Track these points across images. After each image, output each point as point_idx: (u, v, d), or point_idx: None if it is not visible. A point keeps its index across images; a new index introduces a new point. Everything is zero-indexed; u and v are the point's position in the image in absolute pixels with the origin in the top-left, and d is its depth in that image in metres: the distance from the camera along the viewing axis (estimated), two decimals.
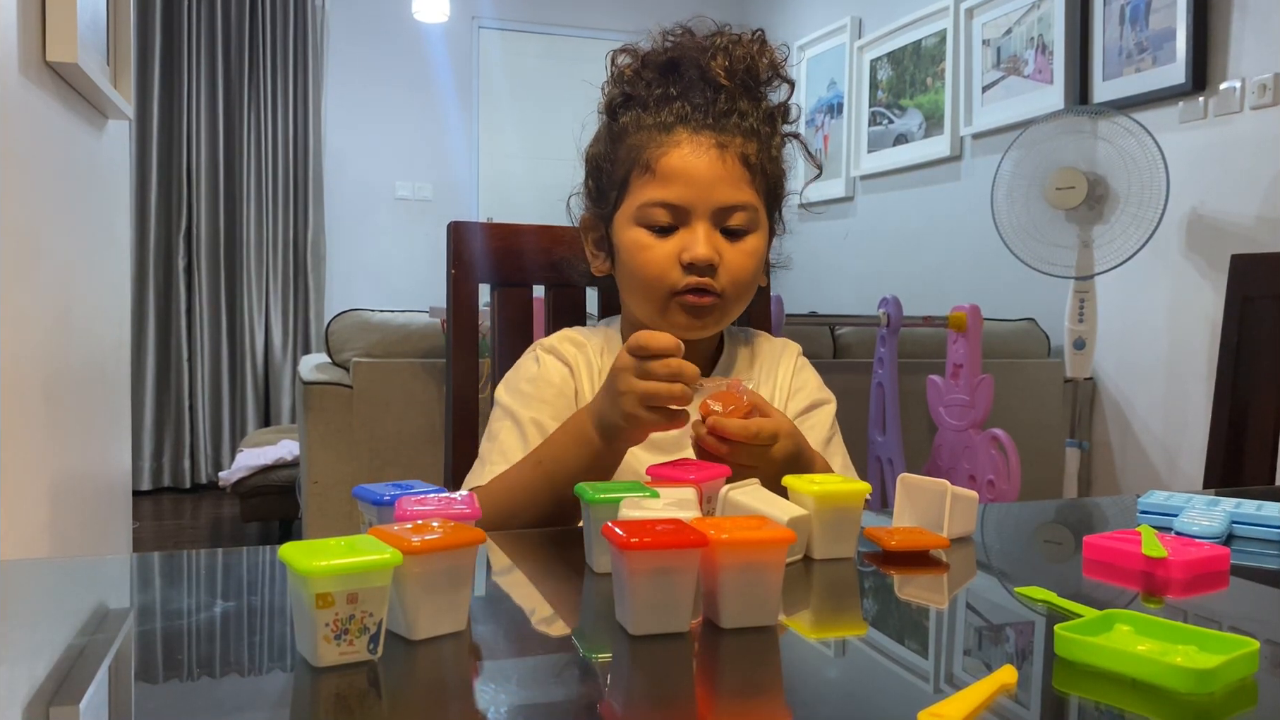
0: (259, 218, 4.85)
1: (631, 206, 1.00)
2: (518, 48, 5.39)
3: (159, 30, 4.63)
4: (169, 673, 0.55)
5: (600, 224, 1.07)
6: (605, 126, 1.06)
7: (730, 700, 0.54)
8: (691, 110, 1.00)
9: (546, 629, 0.66)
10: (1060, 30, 3.41)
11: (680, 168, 0.98)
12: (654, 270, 0.99)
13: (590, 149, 1.08)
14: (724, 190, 0.98)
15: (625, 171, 1.02)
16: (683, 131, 0.99)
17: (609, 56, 1.08)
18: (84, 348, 2.04)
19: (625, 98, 1.04)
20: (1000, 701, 0.50)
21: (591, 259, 1.10)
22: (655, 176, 0.99)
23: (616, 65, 1.07)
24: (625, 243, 1.01)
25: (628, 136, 1.02)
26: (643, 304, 1.03)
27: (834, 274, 4.59)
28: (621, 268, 1.04)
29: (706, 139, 0.99)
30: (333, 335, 2.67)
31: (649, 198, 0.99)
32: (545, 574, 0.80)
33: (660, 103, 1.02)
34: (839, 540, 0.76)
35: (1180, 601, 0.71)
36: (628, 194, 1.02)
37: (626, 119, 1.03)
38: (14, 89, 1.56)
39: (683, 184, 0.98)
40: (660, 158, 0.99)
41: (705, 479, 0.78)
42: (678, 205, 0.98)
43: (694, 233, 0.97)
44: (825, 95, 4.83)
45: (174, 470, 4.70)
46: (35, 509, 1.70)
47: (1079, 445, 2.91)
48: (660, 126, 1.00)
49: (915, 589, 0.74)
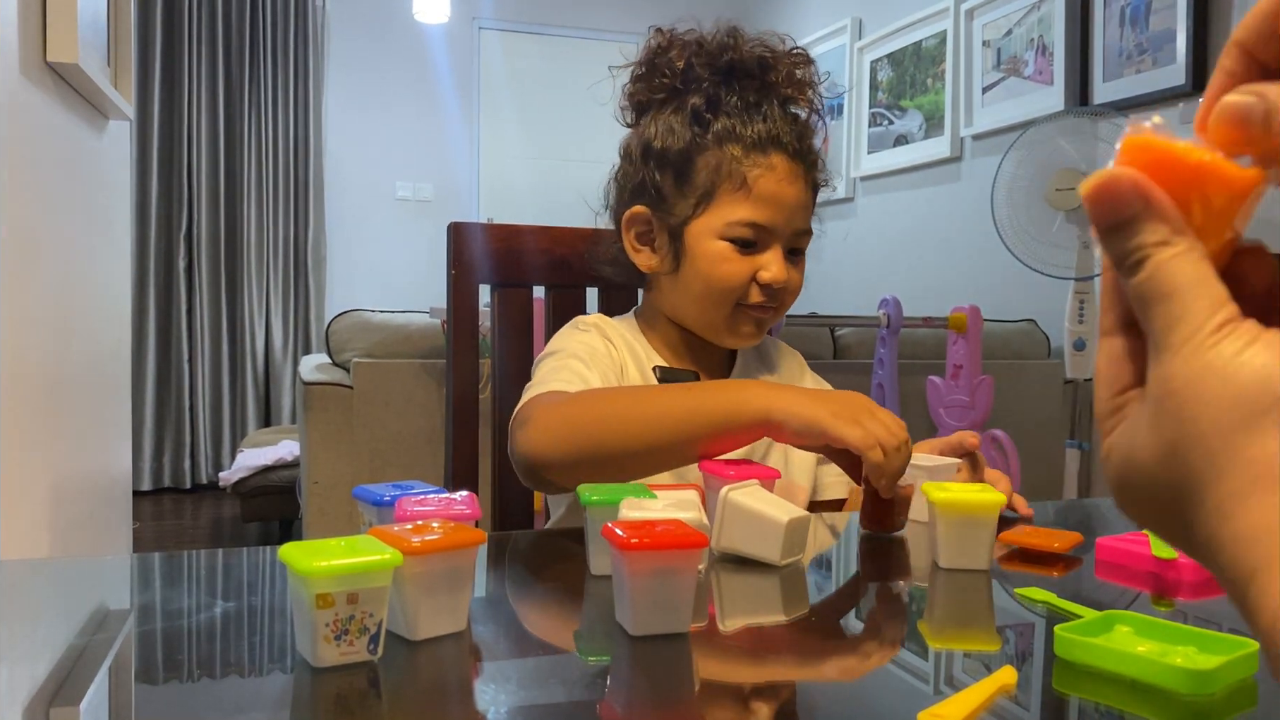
0: (259, 218, 4.85)
1: (720, 220, 1.01)
2: (518, 49, 5.39)
3: (159, 30, 4.63)
4: (169, 673, 0.55)
5: (655, 221, 1.06)
6: (685, 126, 1.03)
7: (731, 700, 0.54)
8: (782, 133, 1.02)
9: (546, 629, 0.66)
10: (1060, 31, 3.41)
11: (776, 193, 1.01)
12: (733, 283, 1.02)
13: (656, 144, 1.04)
14: (801, 217, 1.04)
15: (713, 181, 1.02)
16: (777, 156, 1.02)
17: (650, 38, 1.06)
18: (84, 348, 2.04)
19: (708, 101, 1.03)
20: (1000, 702, 0.50)
21: (633, 253, 1.07)
22: (750, 196, 1.01)
23: (668, 56, 1.04)
24: (705, 252, 1.02)
25: (721, 145, 1.02)
26: (709, 310, 1.04)
27: (834, 275, 4.59)
28: (693, 273, 1.03)
29: (797, 167, 1.03)
30: (333, 335, 2.67)
31: (741, 216, 1.01)
32: (545, 574, 0.80)
33: (747, 114, 1.02)
34: (964, 552, 0.75)
35: (1188, 604, 0.71)
36: (714, 204, 1.02)
37: (720, 126, 1.02)
38: (14, 90, 1.56)
39: (774, 208, 1.01)
40: (758, 179, 1.01)
41: (762, 478, 0.80)
42: (766, 226, 1.01)
43: (775, 254, 1.02)
44: (825, 96, 4.82)
45: (174, 470, 4.69)
46: (35, 509, 1.70)
47: (1079, 446, 2.91)
48: (757, 146, 1.01)
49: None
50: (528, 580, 0.79)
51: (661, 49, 1.05)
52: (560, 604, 0.72)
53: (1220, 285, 0.29)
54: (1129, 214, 0.30)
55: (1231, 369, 0.28)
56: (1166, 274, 0.30)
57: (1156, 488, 0.30)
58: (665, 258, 1.05)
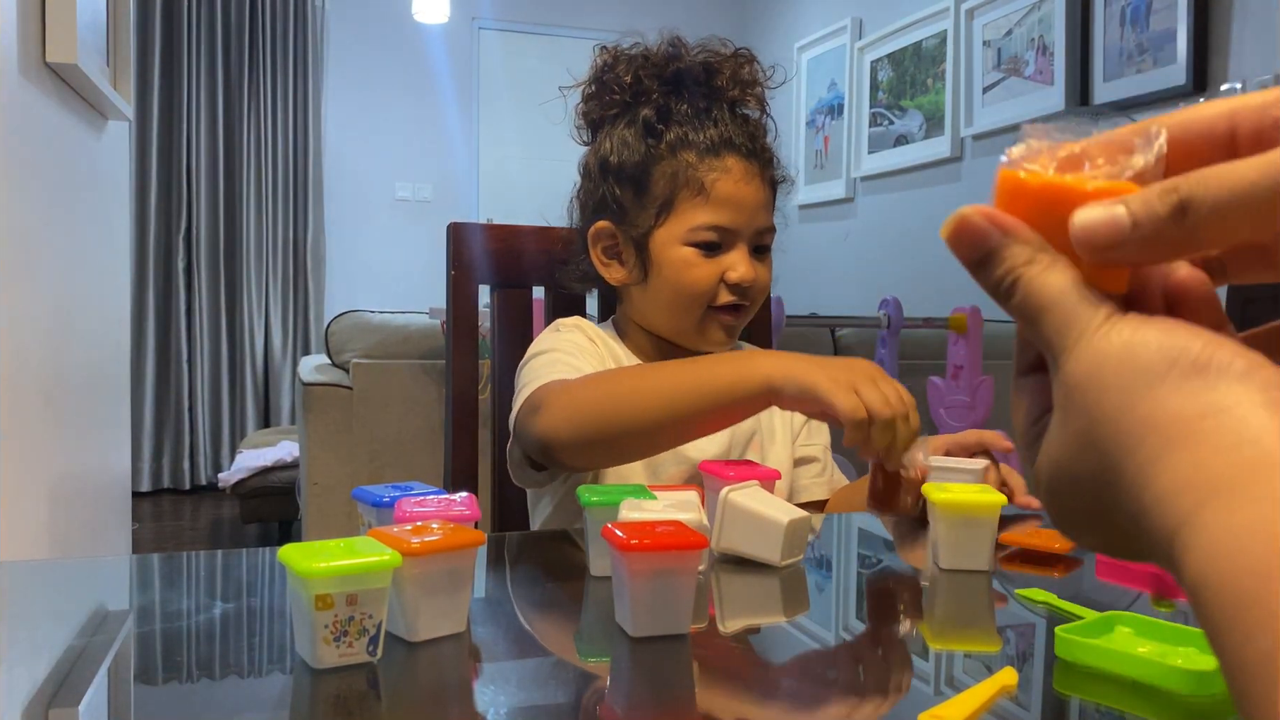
0: (259, 218, 4.85)
1: (682, 227, 1.03)
2: (517, 48, 5.39)
3: (159, 31, 4.63)
4: (168, 674, 0.55)
5: (620, 234, 1.07)
6: (639, 139, 1.05)
7: (731, 701, 0.54)
8: (734, 135, 1.04)
9: (546, 631, 0.66)
10: (1061, 31, 3.41)
11: (734, 194, 1.02)
12: (702, 287, 1.03)
13: (613, 159, 1.06)
14: (762, 215, 1.05)
15: (671, 190, 1.03)
16: (731, 158, 1.03)
17: (596, 57, 1.08)
18: (84, 349, 2.04)
19: (659, 112, 1.04)
20: (1001, 703, 0.50)
21: (602, 267, 1.09)
22: (709, 200, 1.02)
23: (615, 72, 1.07)
24: (671, 259, 1.03)
25: (675, 154, 1.03)
26: (680, 317, 1.05)
27: (834, 275, 4.59)
28: (661, 282, 1.05)
29: (752, 166, 1.04)
30: (332, 336, 2.67)
31: (702, 221, 1.02)
32: (545, 576, 0.80)
33: (697, 121, 1.04)
34: (964, 552, 0.75)
35: (1189, 605, 0.71)
36: (674, 213, 1.03)
37: (672, 136, 1.04)
38: (14, 90, 1.56)
39: (733, 209, 1.02)
40: (714, 183, 1.02)
41: (762, 479, 0.79)
42: (728, 228, 1.02)
43: (740, 254, 1.03)
44: (825, 96, 4.83)
45: (173, 471, 4.69)
46: (35, 510, 1.70)
47: None
48: (710, 150, 1.03)
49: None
50: (527, 581, 0.78)
51: (608, 65, 1.07)
52: (560, 605, 0.72)
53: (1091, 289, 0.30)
54: (989, 245, 0.31)
55: (1126, 350, 0.28)
56: (1039, 287, 0.31)
57: (1080, 484, 0.30)
58: (633, 269, 1.07)
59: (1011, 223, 0.31)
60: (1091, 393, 0.29)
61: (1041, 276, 0.31)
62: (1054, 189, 0.31)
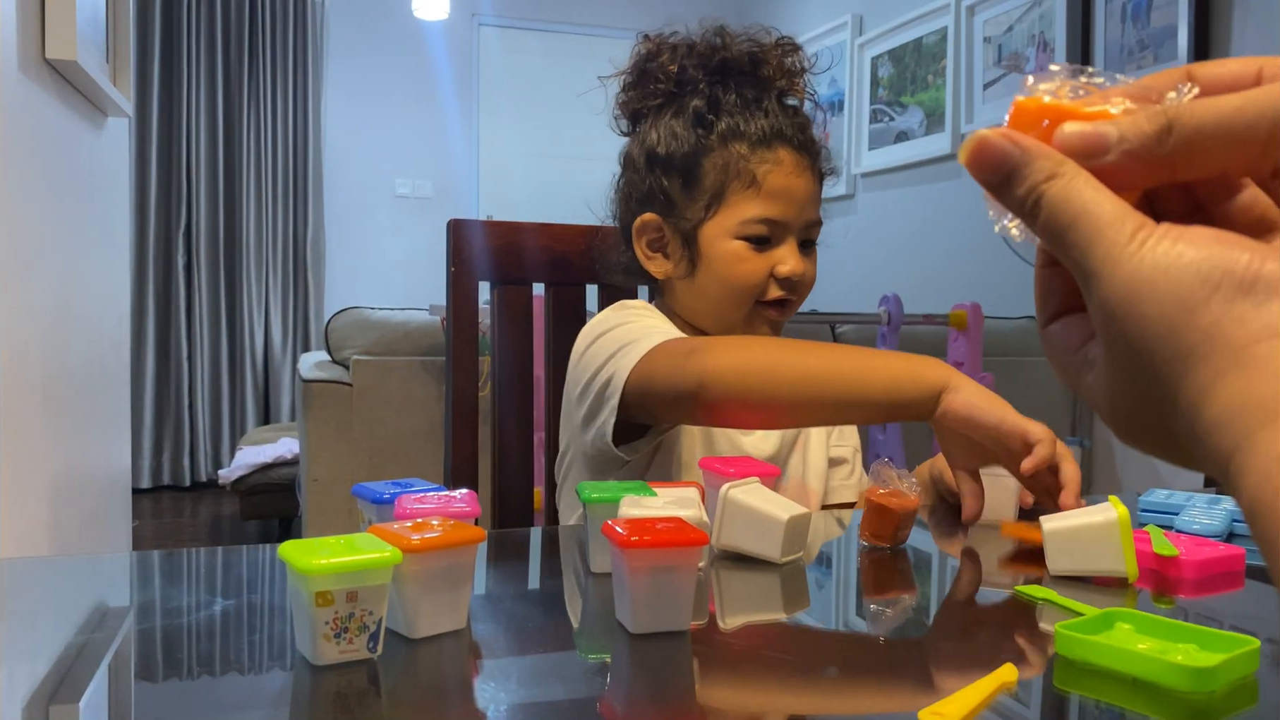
0: (259, 215, 4.84)
1: (733, 219, 1.01)
2: (518, 45, 5.38)
3: (158, 27, 4.63)
4: (169, 671, 0.55)
5: (667, 227, 1.05)
6: (688, 129, 1.02)
7: (731, 698, 0.54)
8: (785, 126, 1.02)
9: (546, 627, 0.66)
10: (1061, 27, 3.41)
11: (786, 186, 1.01)
12: (752, 281, 1.02)
13: (660, 150, 1.04)
14: (811, 208, 1.04)
15: (722, 181, 1.01)
16: (783, 149, 1.01)
17: (638, 46, 1.06)
18: (83, 346, 2.04)
19: (709, 102, 1.02)
20: (1001, 700, 0.50)
21: (646, 260, 1.06)
22: (761, 193, 1.01)
23: (658, 61, 1.04)
24: (721, 253, 1.02)
25: (726, 145, 1.01)
26: (727, 311, 1.04)
27: (834, 271, 4.57)
28: (709, 275, 1.03)
29: (802, 159, 1.03)
30: (332, 333, 2.67)
31: (754, 214, 1.00)
32: (545, 572, 0.80)
33: (748, 111, 1.01)
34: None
35: (1189, 601, 0.71)
36: (725, 205, 1.01)
37: (723, 126, 1.01)
38: (13, 86, 1.56)
39: (785, 202, 1.01)
40: (767, 175, 1.00)
41: (762, 476, 0.79)
42: (779, 221, 1.01)
43: (789, 248, 1.02)
44: (826, 93, 4.82)
45: (173, 468, 4.69)
46: (35, 507, 1.70)
47: (1080, 443, 2.91)
48: (762, 141, 1.01)
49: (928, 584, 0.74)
50: (527, 578, 0.78)
51: (651, 55, 1.05)
52: (560, 602, 0.72)
53: (1119, 199, 0.30)
54: (1010, 165, 0.31)
55: (1160, 277, 0.28)
56: (1064, 200, 0.30)
57: (1138, 406, 0.30)
58: (679, 262, 1.05)
59: (1030, 141, 0.31)
60: (1130, 321, 0.29)
61: (1066, 188, 0.30)
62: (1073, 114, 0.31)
